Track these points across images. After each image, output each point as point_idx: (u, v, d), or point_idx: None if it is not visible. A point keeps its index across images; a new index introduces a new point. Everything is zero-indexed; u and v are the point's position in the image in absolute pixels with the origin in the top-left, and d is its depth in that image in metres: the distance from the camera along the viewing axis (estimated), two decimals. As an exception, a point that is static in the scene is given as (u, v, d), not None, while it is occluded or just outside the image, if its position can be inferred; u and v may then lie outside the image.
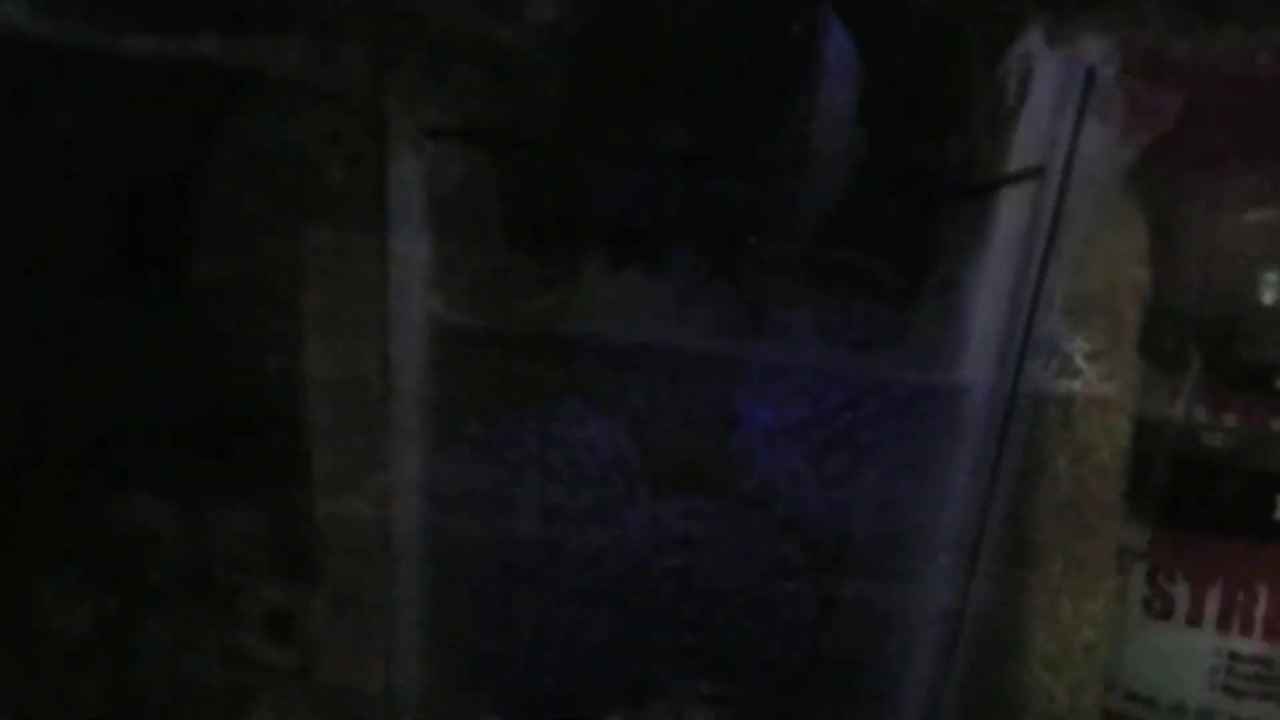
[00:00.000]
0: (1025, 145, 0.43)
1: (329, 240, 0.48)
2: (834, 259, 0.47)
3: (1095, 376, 0.46)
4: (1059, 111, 0.42)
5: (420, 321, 0.49)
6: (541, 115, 0.45)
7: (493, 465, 0.51)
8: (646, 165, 0.46)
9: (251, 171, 0.49)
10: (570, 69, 0.45)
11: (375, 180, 0.45)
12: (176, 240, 0.48)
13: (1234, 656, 0.50)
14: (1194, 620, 0.50)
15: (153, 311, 0.48)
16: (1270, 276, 0.47)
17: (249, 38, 0.43)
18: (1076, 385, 0.47)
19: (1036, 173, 0.42)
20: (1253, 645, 0.50)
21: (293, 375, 0.50)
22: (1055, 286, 0.45)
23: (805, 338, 0.47)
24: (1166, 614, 0.50)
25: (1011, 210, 0.43)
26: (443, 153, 0.46)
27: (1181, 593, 0.50)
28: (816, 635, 0.50)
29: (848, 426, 0.49)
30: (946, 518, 0.49)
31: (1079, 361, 0.46)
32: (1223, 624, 0.50)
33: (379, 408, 0.50)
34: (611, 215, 0.47)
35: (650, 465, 0.50)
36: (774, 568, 0.50)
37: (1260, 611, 0.49)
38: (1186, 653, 0.50)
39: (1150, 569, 0.50)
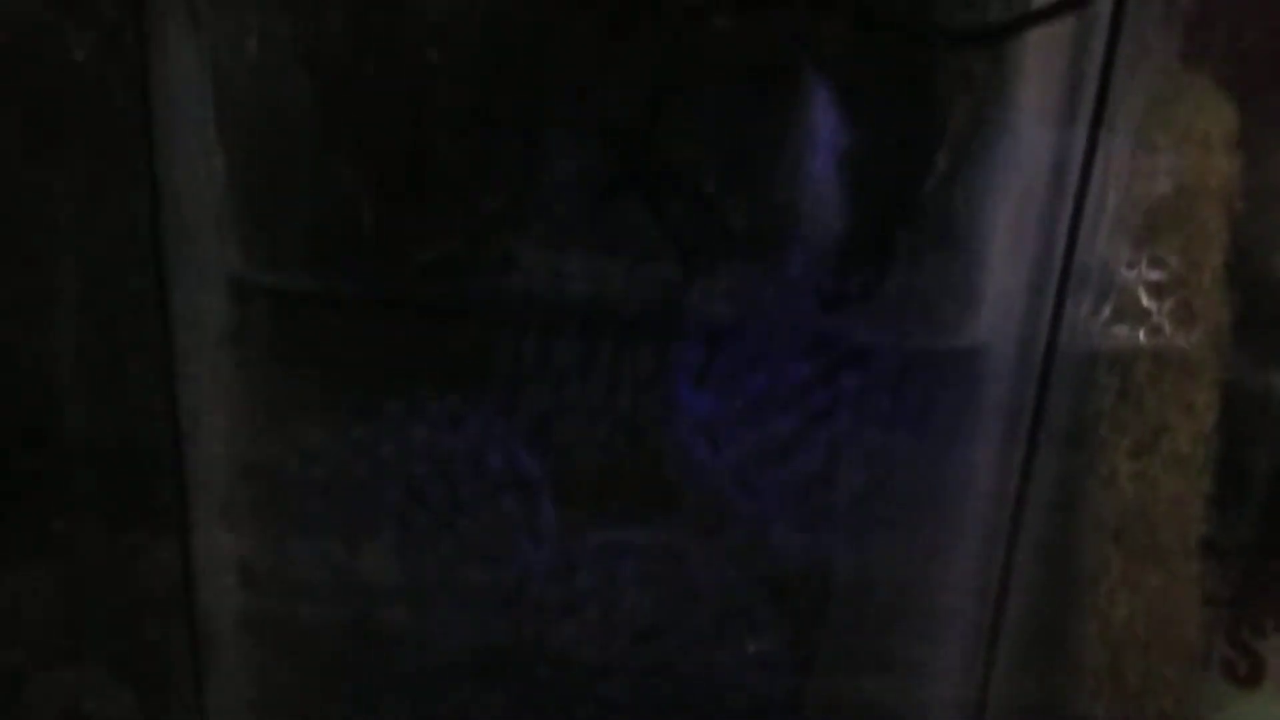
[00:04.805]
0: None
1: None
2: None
3: (1167, 320, 0.33)
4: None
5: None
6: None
7: (333, 486, 0.41)
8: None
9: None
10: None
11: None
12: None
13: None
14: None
15: None
16: None
17: None
18: (1141, 335, 0.33)
19: (1079, 3, 0.28)
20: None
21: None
22: (1106, 188, 0.34)
23: (757, 292, 0.37)
24: (1255, 679, 0.41)
25: (1041, 71, 0.30)
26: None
27: (1276, 649, 0.41)
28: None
29: (818, 412, 0.39)
30: (959, 549, 0.40)
31: (1144, 298, 0.33)
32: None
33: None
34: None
35: (558, 482, 0.40)
36: (729, 626, 0.40)
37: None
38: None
39: (1233, 619, 0.41)
